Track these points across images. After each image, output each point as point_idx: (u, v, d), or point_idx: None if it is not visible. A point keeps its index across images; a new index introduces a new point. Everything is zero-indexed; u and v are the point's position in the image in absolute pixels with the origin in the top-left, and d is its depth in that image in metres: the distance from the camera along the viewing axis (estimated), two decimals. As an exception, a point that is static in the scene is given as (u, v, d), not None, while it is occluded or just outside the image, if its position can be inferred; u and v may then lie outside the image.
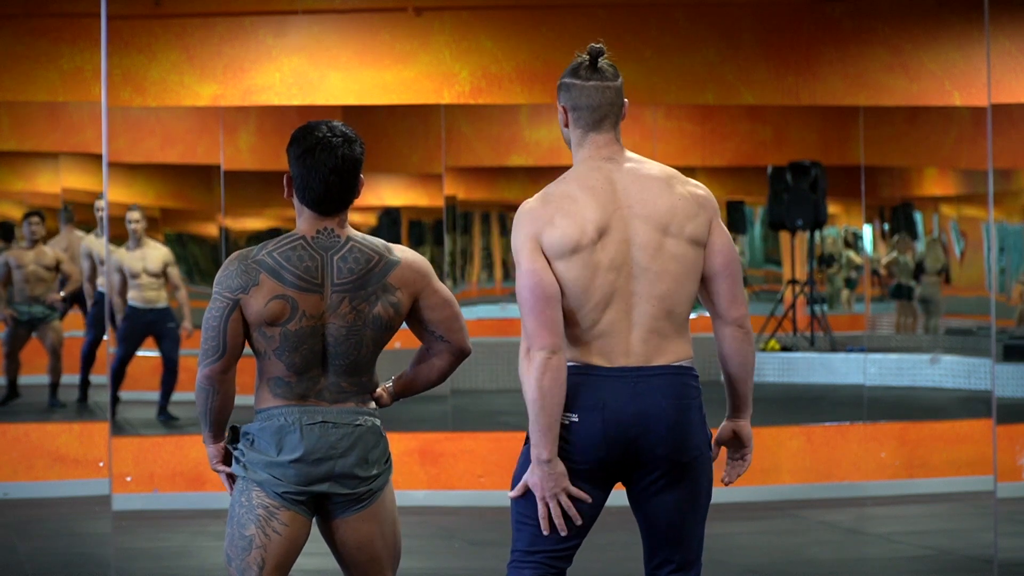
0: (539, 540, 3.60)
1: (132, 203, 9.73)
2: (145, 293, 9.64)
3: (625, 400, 3.55)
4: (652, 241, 3.57)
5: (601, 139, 3.67)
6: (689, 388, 3.60)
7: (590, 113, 3.67)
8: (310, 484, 3.68)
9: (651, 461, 3.57)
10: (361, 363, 3.70)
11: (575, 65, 3.70)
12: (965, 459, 9.10)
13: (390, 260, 3.71)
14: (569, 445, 3.56)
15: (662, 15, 9.29)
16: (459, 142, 9.66)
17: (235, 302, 3.64)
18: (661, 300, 3.56)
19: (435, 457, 8.71)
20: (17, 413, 9.58)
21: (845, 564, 7.23)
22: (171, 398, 9.61)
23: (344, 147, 3.68)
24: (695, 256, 3.60)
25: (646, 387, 3.55)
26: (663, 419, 3.55)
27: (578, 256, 3.54)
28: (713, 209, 3.65)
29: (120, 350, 9.53)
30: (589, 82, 3.68)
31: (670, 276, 3.57)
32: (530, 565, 3.61)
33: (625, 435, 3.55)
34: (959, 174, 10.85)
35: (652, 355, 3.57)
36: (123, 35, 8.83)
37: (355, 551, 3.75)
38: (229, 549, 3.71)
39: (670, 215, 3.58)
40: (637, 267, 3.56)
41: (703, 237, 3.62)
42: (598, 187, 3.60)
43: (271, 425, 3.68)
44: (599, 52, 3.68)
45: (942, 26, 9.50)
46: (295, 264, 3.65)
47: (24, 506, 8.67)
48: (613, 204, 3.58)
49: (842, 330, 10.90)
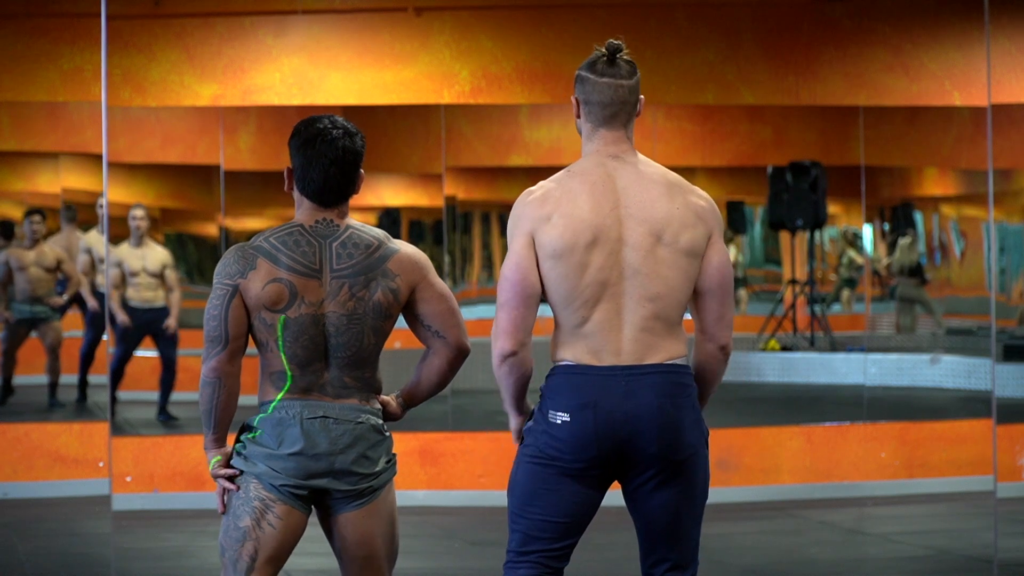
0: (533, 540, 3.61)
1: (136, 202, 9.74)
2: (142, 292, 9.64)
3: (617, 399, 3.55)
4: (645, 244, 3.56)
5: (610, 136, 3.67)
6: (682, 387, 3.59)
7: (601, 109, 3.66)
8: (308, 478, 3.68)
9: (644, 460, 3.57)
10: (363, 356, 3.70)
11: (592, 59, 3.68)
12: (965, 459, 9.10)
13: (389, 247, 3.74)
14: (561, 444, 3.57)
15: (662, 15, 9.29)
16: (459, 142, 9.66)
17: (235, 288, 3.66)
18: (652, 301, 3.56)
19: (435, 457, 8.71)
20: (17, 413, 9.58)
21: (845, 564, 7.23)
22: (171, 398, 9.61)
23: (345, 139, 3.71)
24: (688, 266, 3.59)
25: (637, 386, 3.55)
26: (655, 418, 3.55)
27: (569, 258, 3.55)
28: (714, 223, 3.63)
29: (119, 350, 9.53)
30: (603, 78, 3.66)
31: (662, 280, 3.57)
32: (525, 565, 3.62)
33: (617, 434, 3.55)
34: (959, 174, 10.85)
35: (644, 354, 3.57)
36: (123, 35, 8.83)
37: (353, 547, 3.75)
38: (223, 539, 3.72)
39: (665, 222, 3.57)
40: (629, 268, 3.56)
41: (699, 249, 3.60)
42: (598, 184, 3.60)
43: (272, 418, 3.69)
44: (617, 48, 3.67)
45: (942, 26, 9.50)
46: (292, 249, 3.67)
47: (24, 506, 8.67)
48: (610, 203, 3.58)
49: (842, 330, 10.91)
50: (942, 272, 10.89)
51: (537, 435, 3.62)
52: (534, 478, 3.61)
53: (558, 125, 9.87)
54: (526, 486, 3.62)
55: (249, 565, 3.68)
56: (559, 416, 3.57)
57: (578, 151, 3.74)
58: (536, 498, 3.60)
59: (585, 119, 3.70)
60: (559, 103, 9.34)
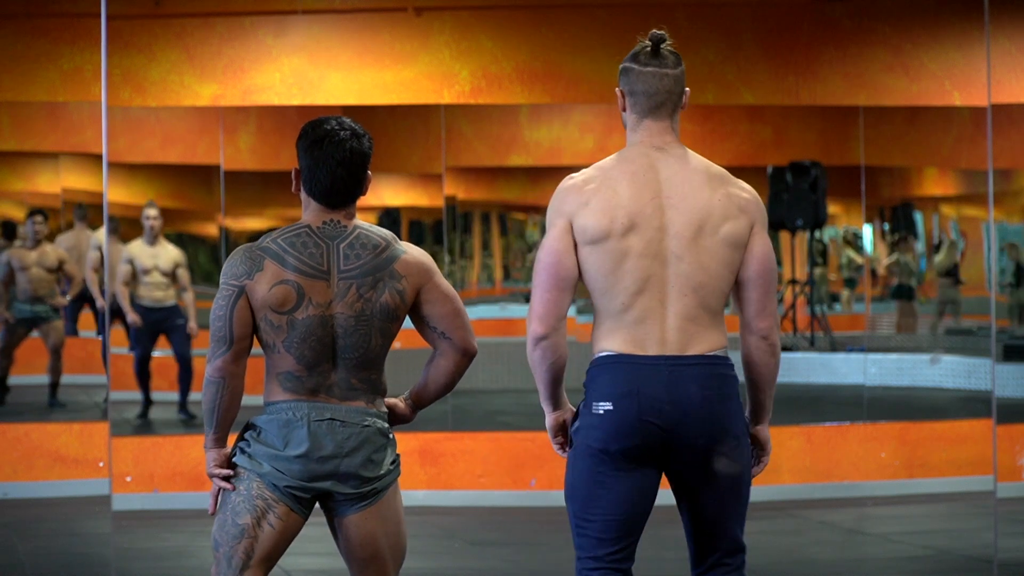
0: (603, 543, 3.59)
1: (149, 200, 9.77)
2: (153, 292, 9.66)
3: (660, 389, 3.54)
4: (687, 233, 3.56)
5: (656, 126, 3.67)
6: (724, 378, 3.60)
7: (647, 99, 3.66)
8: (313, 480, 3.69)
9: (689, 451, 3.56)
10: (371, 358, 3.71)
11: (636, 50, 3.70)
12: (965, 459, 9.10)
13: (396, 248, 3.75)
14: (603, 432, 3.55)
15: (662, 15, 9.28)
16: (459, 142, 9.66)
17: (240, 289, 3.66)
18: (695, 291, 3.56)
19: (435, 457, 8.71)
20: (17, 413, 9.58)
21: (845, 564, 7.23)
22: (189, 396, 9.62)
23: (352, 141, 3.72)
24: (730, 256, 3.59)
25: (681, 376, 3.55)
26: (698, 409, 3.54)
27: (605, 243, 3.54)
28: (757, 214, 3.63)
29: (137, 351, 9.59)
30: (647, 68, 3.67)
31: (704, 270, 3.57)
32: (599, 571, 3.61)
33: (661, 423, 3.54)
34: (959, 174, 10.85)
35: (687, 344, 3.57)
36: (123, 35, 8.83)
37: (358, 547, 3.76)
38: (218, 534, 3.71)
39: (706, 213, 3.57)
40: (672, 256, 3.56)
41: (741, 240, 3.60)
42: (640, 173, 3.60)
43: (278, 419, 3.69)
44: (660, 39, 3.68)
45: (942, 26, 9.50)
46: (299, 250, 3.67)
47: (24, 506, 8.67)
48: (651, 192, 3.58)
49: (842, 330, 10.91)
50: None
51: (582, 430, 3.61)
52: (588, 477, 3.59)
53: (558, 125, 9.87)
54: (583, 489, 3.61)
55: (244, 562, 3.68)
56: (601, 406, 3.56)
57: (578, 151, 3.76)
58: (596, 500, 3.59)
59: (630, 110, 3.70)
60: (559, 103, 9.34)
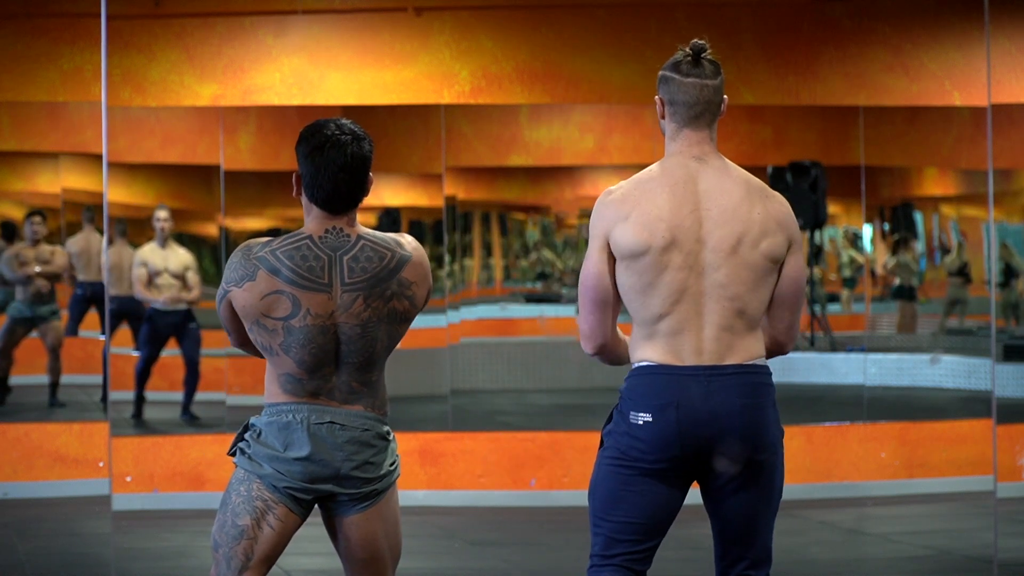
0: (616, 543, 3.60)
1: (160, 202, 9.78)
2: (165, 294, 9.66)
3: (699, 399, 3.54)
4: (725, 247, 3.56)
5: (695, 136, 3.67)
6: (763, 387, 3.61)
7: (687, 109, 3.67)
8: (313, 483, 3.69)
9: (725, 460, 3.57)
10: (374, 359, 3.71)
11: (677, 59, 3.70)
12: (965, 459, 9.10)
13: (402, 254, 3.73)
14: (644, 444, 3.55)
15: (662, 15, 9.29)
16: (459, 142, 9.66)
17: (225, 293, 3.69)
18: (732, 301, 3.56)
19: (435, 457, 8.71)
20: (17, 413, 9.58)
21: (845, 564, 7.23)
22: (194, 398, 9.62)
23: (353, 145, 3.69)
24: (768, 269, 3.60)
25: (719, 386, 3.55)
26: (737, 418, 3.55)
27: (645, 257, 3.55)
28: (794, 231, 3.64)
29: (144, 352, 9.60)
30: (688, 78, 3.68)
31: (741, 281, 3.57)
32: (609, 568, 3.60)
33: (700, 434, 3.54)
34: (959, 174, 10.85)
35: (724, 354, 3.57)
36: (123, 35, 8.83)
37: (357, 548, 3.76)
38: (218, 535, 3.72)
39: (745, 227, 3.58)
40: (709, 267, 3.56)
41: (779, 256, 3.61)
42: (679, 185, 3.60)
43: (278, 421, 3.69)
44: (701, 48, 3.68)
45: (942, 26, 9.50)
46: (297, 263, 3.65)
47: (24, 506, 8.67)
48: (690, 205, 3.58)
49: (842, 330, 10.91)
50: (941, 272, 10.89)
51: (618, 437, 3.61)
52: (616, 480, 3.60)
53: (558, 125, 9.86)
54: (608, 489, 3.61)
55: (243, 563, 3.69)
56: (640, 416, 3.56)
57: (578, 151, 3.76)
58: (619, 501, 3.59)
59: (670, 119, 3.70)
60: (559, 103, 9.34)
